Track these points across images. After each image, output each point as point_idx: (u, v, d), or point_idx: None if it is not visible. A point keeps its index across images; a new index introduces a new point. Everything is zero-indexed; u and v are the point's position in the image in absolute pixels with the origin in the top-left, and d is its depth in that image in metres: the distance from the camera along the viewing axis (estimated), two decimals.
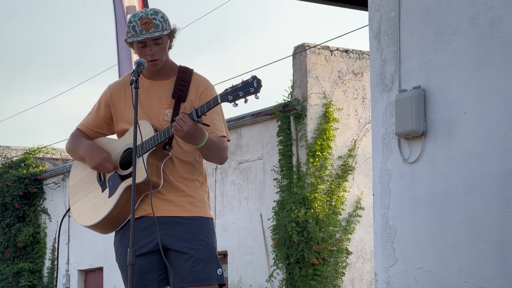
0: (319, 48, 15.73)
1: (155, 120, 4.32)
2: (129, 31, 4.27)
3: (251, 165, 16.37)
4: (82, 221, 4.41)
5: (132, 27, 4.25)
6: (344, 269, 15.21)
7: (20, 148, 24.50)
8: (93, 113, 4.52)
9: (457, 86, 5.62)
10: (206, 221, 4.34)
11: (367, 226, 15.45)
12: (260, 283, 15.97)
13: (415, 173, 5.84)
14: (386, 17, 6.12)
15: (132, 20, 4.27)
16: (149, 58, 4.26)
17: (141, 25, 4.22)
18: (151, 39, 4.24)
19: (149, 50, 4.25)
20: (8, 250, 21.89)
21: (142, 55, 4.29)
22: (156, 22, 4.23)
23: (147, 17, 4.23)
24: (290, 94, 15.76)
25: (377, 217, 6.06)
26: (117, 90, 4.46)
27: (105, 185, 4.35)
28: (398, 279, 5.87)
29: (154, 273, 4.29)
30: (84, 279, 21.06)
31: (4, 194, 21.89)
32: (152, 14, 4.25)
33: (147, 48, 4.26)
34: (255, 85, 4.00)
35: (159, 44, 4.27)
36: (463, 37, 5.60)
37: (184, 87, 4.34)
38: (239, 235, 16.52)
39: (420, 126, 5.77)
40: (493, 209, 5.35)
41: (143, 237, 4.28)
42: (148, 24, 4.22)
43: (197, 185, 4.36)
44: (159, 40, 4.26)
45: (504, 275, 5.26)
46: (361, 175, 15.79)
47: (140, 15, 4.25)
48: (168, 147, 4.28)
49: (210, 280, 4.24)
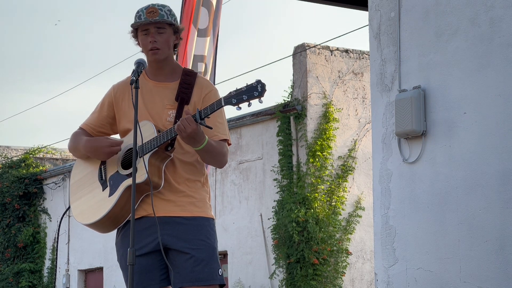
0: (319, 48, 15.74)
1: (158, 120, 4.34)
2: (135, 20, 4.33)
3: (251, 165, 16.38)
4: (82, 219, 4.42)
5: (138, 16, 4.34)
6: (344, 269, 15.22)
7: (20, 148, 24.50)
8: (96, 113, 4.54)
9: (457, 86, 5.62)
10: (207, 221, 4.35)
11: (367, 226, 15.46)
12: (260, 283, 15.97)
13: (415, 173, 5.84)
14: (386, 17, 6.12)
15: (139, 10, 4.37)
16: (150, 46, 4.30)
17: (147, 13, 4.31)
18: (154, 26, 4.29)
19: (151, 37, 4.29)
20: (8, 250, 21.89)
21: (144, 44, 4.34)
22: (161, 12, 4.32)
23: (154, 7, 4.33)
24: (290, 94, 15.76)
25: (377, 217, 6.06)
26: (121, 90, 4.48)
27: (106, 184, 4.37)
28: (398, 279, 5.87)
29: (155, 273, 4.30)
30: (84, 279, 21.06)
31: (4, 194, 21.89)
32: (159, 6, 4.35)
33: (150, 36, 4.30)
34: (259, 89, 4.02)
35: (161, 33, 4.31)
36: (463, 37, 5.60)
37: (188, 89, 4.36)
38: (239, 235, 16.52)
39: (420, 126, 5.77)
40: (493, 209, 5.35)
41: (144, 237, 4.29)
42: (153, 12, 4.31)
43: (198, 185, 4.38)
44: (162, 30, 4.31)
45: (504, 275, 5.26)
46: (361, 175, 15.79)
47: (148, 5, 4.35)
48: (170, 148, 4.29)
49: (210, 280, 4.25)
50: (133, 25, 4.36)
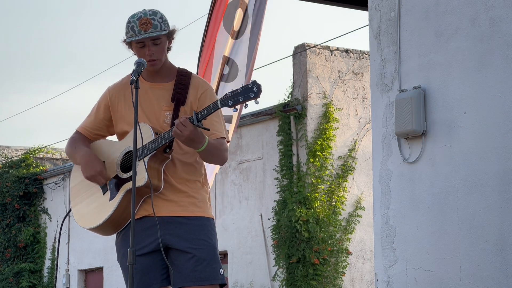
0: (319, 48, 15.73)
1: (155, 122, 4.33)
2: (128, 31, 4.29)
3: (251, 165, 16.37)
4: (83, 224, 4.42)
5: (131, 27, 4.27)
6: (344, 269, 15.21)
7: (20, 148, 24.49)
8: (92, 116, 4.53)
9: (457, 86, 5.62)
10: (207, 221, 4.35)
11: (367, 226, 15.45)
12: (260, 283, 15.96)
13: (415, 173, 5.84)
14: (386, 17, 6.12)
15: (131, 20, 4.29)
16: (147, 58, 4.28)
17: (140, 25, 4.25)
18: (150, 39, 4.26)
19: (147, 50, 4.27)
20: (8, 250, 21.88)
21: (140, 55, 4.31)
22: (154, 22, 4.25)
23: (146, 17, 4.26)
24: (290, 94, 15.76)
25: (377, 217, 6.06)
26: (117, 91, 4.47)
27: (106, 188, 4.36)
28: (398, 279, 5.87)
29: (156, 273, 4.30)
30: (84, 279, 21.06)
31: (4, 194, 21.88)
32: (151, 15, 4.27)
33: (146, 48, 4.28)
34: (255, 90, 4.02)
35: (157, 45, 4.29)
36: (463, 37, 5.60)
37: (183, 90, 4.36)
38: (239, 235, 16.51)
39: (420, 126, 5.77)
40: (493, 209, 5.35)
41: (145, 237, 4.29)
42: (147, 24, 4.25)
43: (198, 185, 4.38)
44: (158, 41, 4.28)
45: (504, 275, 5.26)
46: (361, 175, 15.79)
47: (139, 16, 4.27)
48: (168, 150, 4.29)
49: (211, 280, 4.25)
50: (128, 40, 4.30)
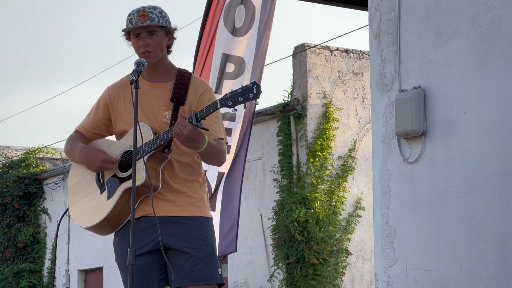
0: (319, 48, 15.73)
1: (154, 121, 4.33)
2: (127, 24, 4.33)
3: (251, 165, 16.37)
4: (81, 223, 4.42)
5: (130, 19, 4.34)
6: (344, 269, 15.21)
7: (20, 148, 24.49)
8: (91, 115, 4.53)
9: (457, 86, 5.62)
10: (205, 221, 4.35)
11: (367, 226, 15.45)
12: (260, 283, 15.96)
13: (415, 173, 5.84)
14: (386, 17, 6.12)
15: (130, 13, 4.37)
16: (141, 49, 4.31)
17: (137, 17, 4.31)
18: (145, 30, 4.30)
19: (141, 41, 4.30)
20: (8, 250, 21.88)
21: (136, 47, 4.35)
22: (152, 15, 4.31)
23: (144, 10, 4.33)
24: (290, 94, 15.76)
25: (377, 217, 6.06)
26: (116, 91, 4.48)
27: (104, 187, 4.36)
28: (398, 279, 5.87)
29: (154, 273, 4.29)
30: (84, 279, 21.06)
31: (4, 194, 21.88)
32: (150, 8, 4.35)
33: (141, 40, 4.30)
34: (255, 90, 4.02)
35: (153, 37, 4.31)
36: (463, 37, 5.60)
37: (183, 90, 4.36)
38: (239, 235, 16.47)
39: (420, 126, 5.77)
40: (493, 209, 5.35)
41: (143, 237, 4.28)
42: (144, 16, 4.30)
43: (196, 185, 4.38)
44: (153, 33, 4.31)
45: (504, 275, 5.26)
46: (361, 175, 15.78)
47: (138, 8, 4.35)
48: (167, 150, 4.29)
49: (209, 280, 4.25)
50: (124, 30, 4.37)
